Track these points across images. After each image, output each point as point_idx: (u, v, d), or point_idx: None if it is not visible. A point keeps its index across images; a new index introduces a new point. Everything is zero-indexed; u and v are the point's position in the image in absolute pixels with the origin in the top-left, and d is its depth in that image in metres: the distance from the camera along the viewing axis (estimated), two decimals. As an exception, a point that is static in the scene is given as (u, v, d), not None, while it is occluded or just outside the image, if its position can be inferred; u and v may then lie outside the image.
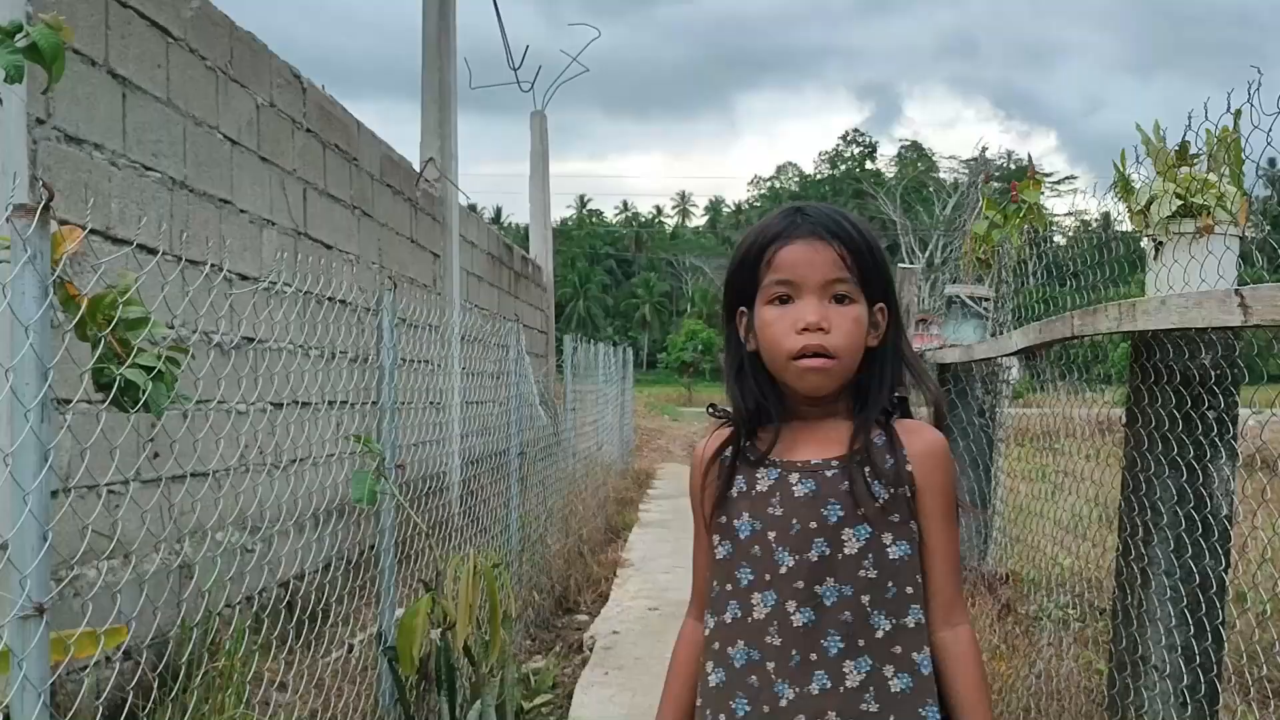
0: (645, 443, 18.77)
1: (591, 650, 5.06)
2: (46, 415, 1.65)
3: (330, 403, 5.30)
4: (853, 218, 1.48)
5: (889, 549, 1.42)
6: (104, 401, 1.89)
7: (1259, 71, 2.12)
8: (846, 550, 1.41)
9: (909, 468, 1.44)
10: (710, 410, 1.59)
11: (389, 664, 3.22)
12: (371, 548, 3.57)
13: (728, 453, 1.50)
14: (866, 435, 1.44)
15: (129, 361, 1.86)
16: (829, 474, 1.43)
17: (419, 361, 5.89)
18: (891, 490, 1.42)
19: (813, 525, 1.41)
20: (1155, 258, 2.63)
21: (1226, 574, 2.55)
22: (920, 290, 5.36)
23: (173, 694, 2.78)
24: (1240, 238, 2.55)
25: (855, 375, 1.47)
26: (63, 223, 1.83)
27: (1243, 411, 2.57)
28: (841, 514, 1.41)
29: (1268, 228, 3.62)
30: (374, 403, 3.44)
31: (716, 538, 1.50)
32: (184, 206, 4.19)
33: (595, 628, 5.48)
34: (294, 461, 4.63)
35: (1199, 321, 2.13)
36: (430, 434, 6.61)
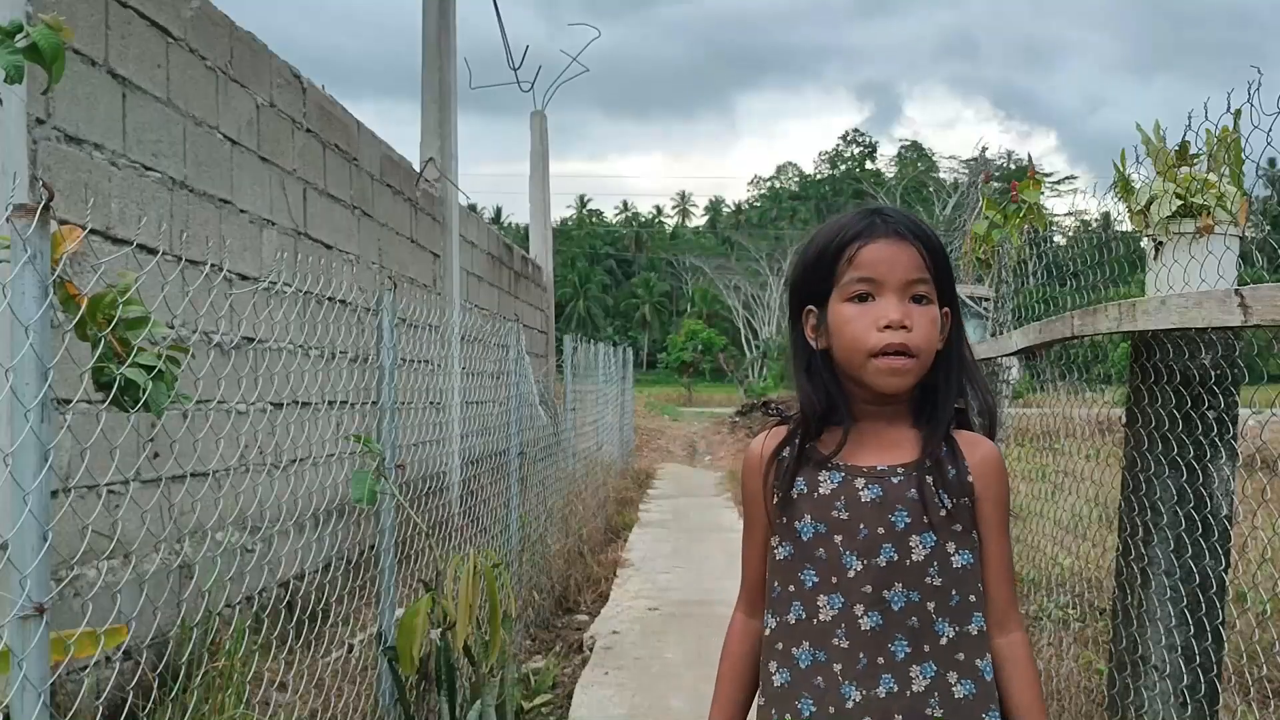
0: (645, 443, 18.77)
1: (591, 650, 5.06)
2: (46, 415, 1.65)
3: (330, 403, 5.31)
4: (926, 222, 1.51)
5: (953, 557, 1.44)
6: (104, 401, 1.89)
7: (1259, 71, 2.12)
8: (914, 557, 1.42)
9: (970, 478, 1.46)
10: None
11: (389, 664, 3.22)
12: (371, 548, 3.57)
13: (787, 453, 1.50)
14: (937, 445, 1.45)
15: (129, 361, 1.86)
16: (895, 480, 1.44)
17: (419, 361, 5.89)
18: (955, 500, 1.44)
19: (880, 531, 1.42)
20: (1155, 258, 2.63)
21: (1226, 574, 2.55)
22: (920, 290, 5.36)
23: (173, 694, 2.78)
24: (1240, 238, 2.55)
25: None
26: (63, 223, 1.83)
27: (1243, 411, 2.57)
28: (909, 520, 1.43)
29: (1268, 228, 3.62)
30: (374, 403, 3.44)
31: (776, 538, 1.50)
32: (184, 206, 4.19)
33: (595, 628, 5.49)
34: (294, 461, 4.63)
35: (1199, 321, 2.13)
36: (430, 434, 6.61)
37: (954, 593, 1.43)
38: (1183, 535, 2.55)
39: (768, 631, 1.50)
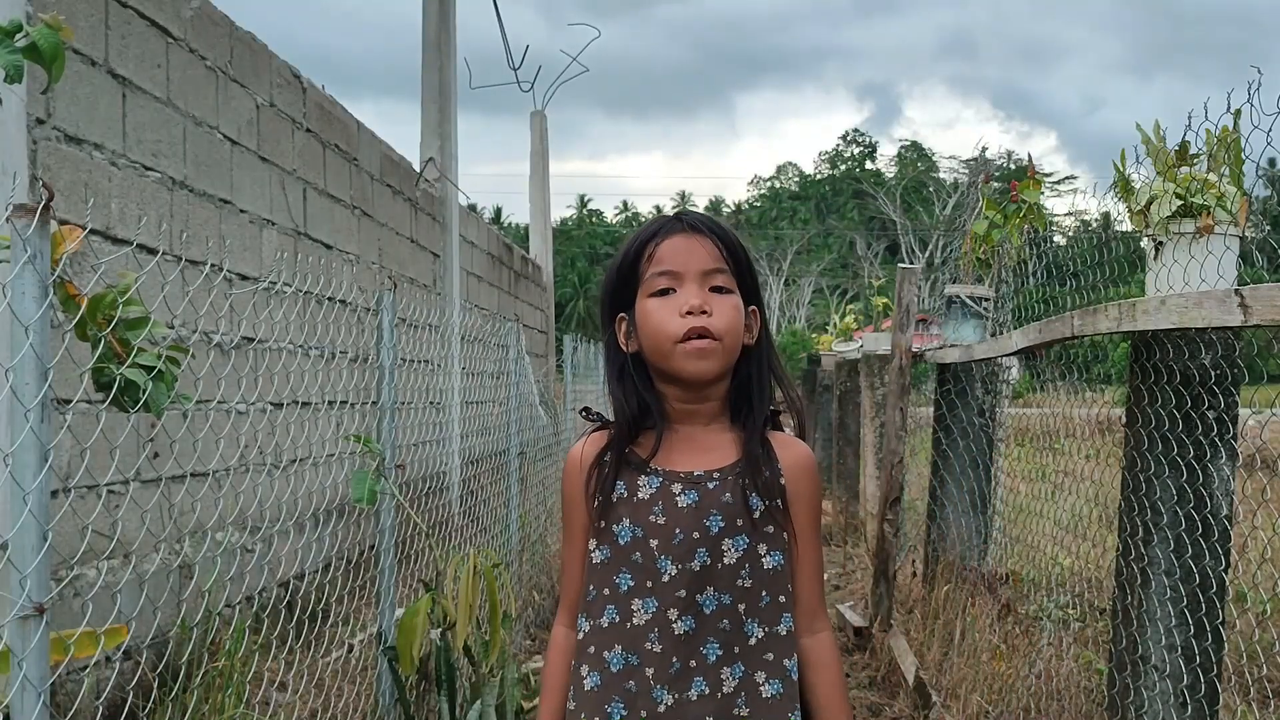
0: (645, 443, 18.73)
1: (591, 650, 5.06)
2: (46, 415, 1.65)
3: (330, 403, 5.31)
4: (725, 222, 1.56)
5: (764, 559, 1.47)
6: (104, 401, 1.89)
7: (1259, 71, 2.12)
8: (726, 560, 1.45)
9: (782, 480, 1.49)
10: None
11: (389, 664, 3.22)
12: (371, 548, 3.57)
13: (608, 457, 1.51)
14: (755, 447, 1.48)
15: (129, 361, 1.86)
16: (711, 485, 1.46)
17: (419, 361, 5.89)
18: (767, 502, 1.47)
19: (695, 535, 1.44)
20: (1155, 258, 2.62)
21: (1226, 574, 2.55)
22: (920, 290, 5.36)
23: (173, 694, 2.78)
24: (1240, 238, 2.55)
25: (731, 380, 1.50)
26: (63, 223, 1.83)
27: (1243, 411, 2.57)
28: (722, 524, 1.45)
29: (1268, 228, 3.62)
30: (374, 403, 3.44)
31: (594, 542, 1.51)
32: (184, 206, 4.19)
33: (595, 628, 5.48)
34: (294, 461, 4.64)
35: (1199, 321, 2.13)
36: (430, 434, 6.61)
37: (764, 594, 1.46)
38: (1183, 535, 2.55)
39: (580, 635, 1.51)
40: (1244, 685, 3.00)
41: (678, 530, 1.45)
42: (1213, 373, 2.49)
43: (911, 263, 24.20)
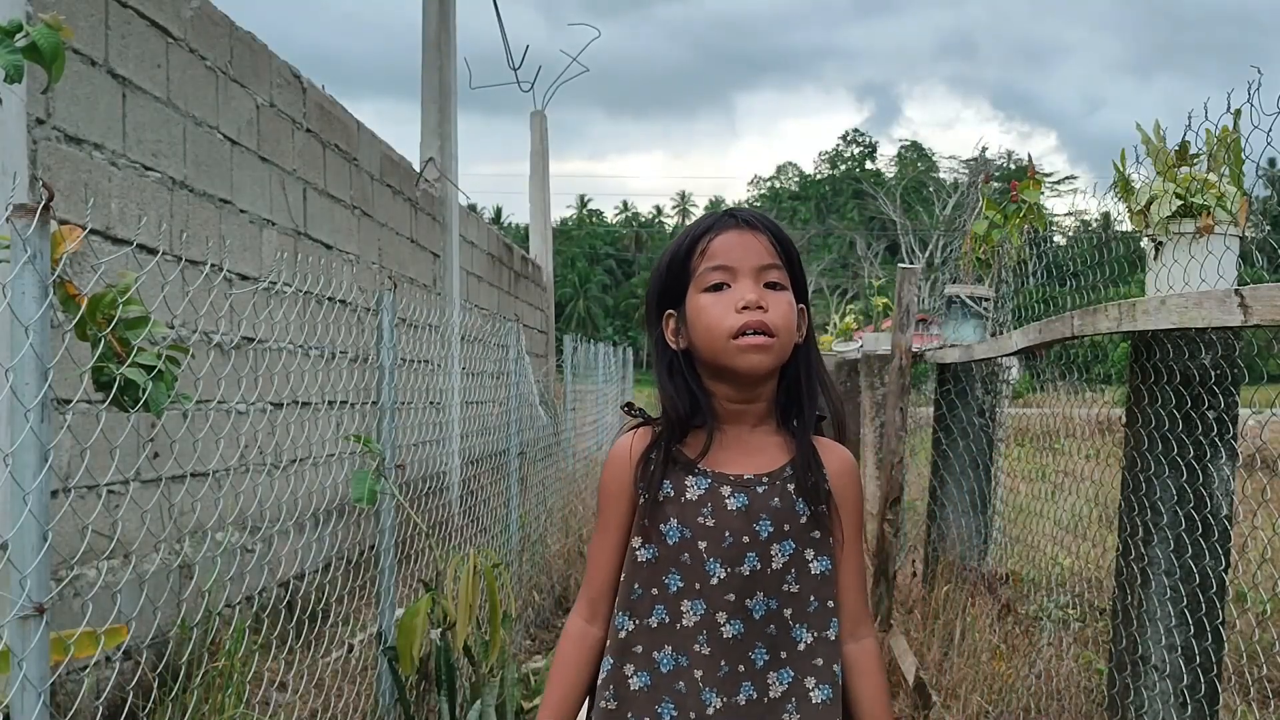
0: (645, 443, 18.73)
1: (591, 650, 5.06)
2: (46, 415, 1.65)
3: (330, 403, 5.31)
4: (776, 221, 1.55)
5: (811, 564, 1.46)
6: (104, 401, 1.89)
7: (1259, 71, 2.12)
8: (774, 565, 1.44)
9: (827, 486, 1.48)
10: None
11: (389, 664, 3.22)
12: (371, 548, 3.57)
13: (654, 455, 1.49)
14: (806, 451, 1.47)
15: (129, 361, 1.86)
16: (760, 489, 1.45)
17: (419, 361, 5.89)
18: (814, 507, 1.46)
19: (745, 540, 1.43)
20: (1155, 258, 2.63)
21: (1226, 574, 2.55)
22: (920, 290, 5.36)
23: (173, 694, 2.78)
24: (1240, 238, 2.55)
25: (779, 380, 1.49)
26: (63, 223, 1.83)
27: (1243, 411, 2.57)
28: (771, 529, 1.44)
29: (1268, 228, 3.62)
30: (374, 403, 3.44)
31: (639, 540, 1.48)
32: (184, 206, 4.19)
33: (595, 628, 5.48)
34: (294, 461, 4.64)
35: (1199, 321, 2.13)
36: (430, 434, 6.61)
37: (812, 599, 1.46)
38: (1183, 535, 2.55)
39: (623, 634, 1.48)
40: (1244, 685, 3.00)
41: (727, 533, 1.43)
42: (1213, 373, 2.49)
43: (911, 263, 24.21)
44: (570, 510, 7.56)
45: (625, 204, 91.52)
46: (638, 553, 1.48)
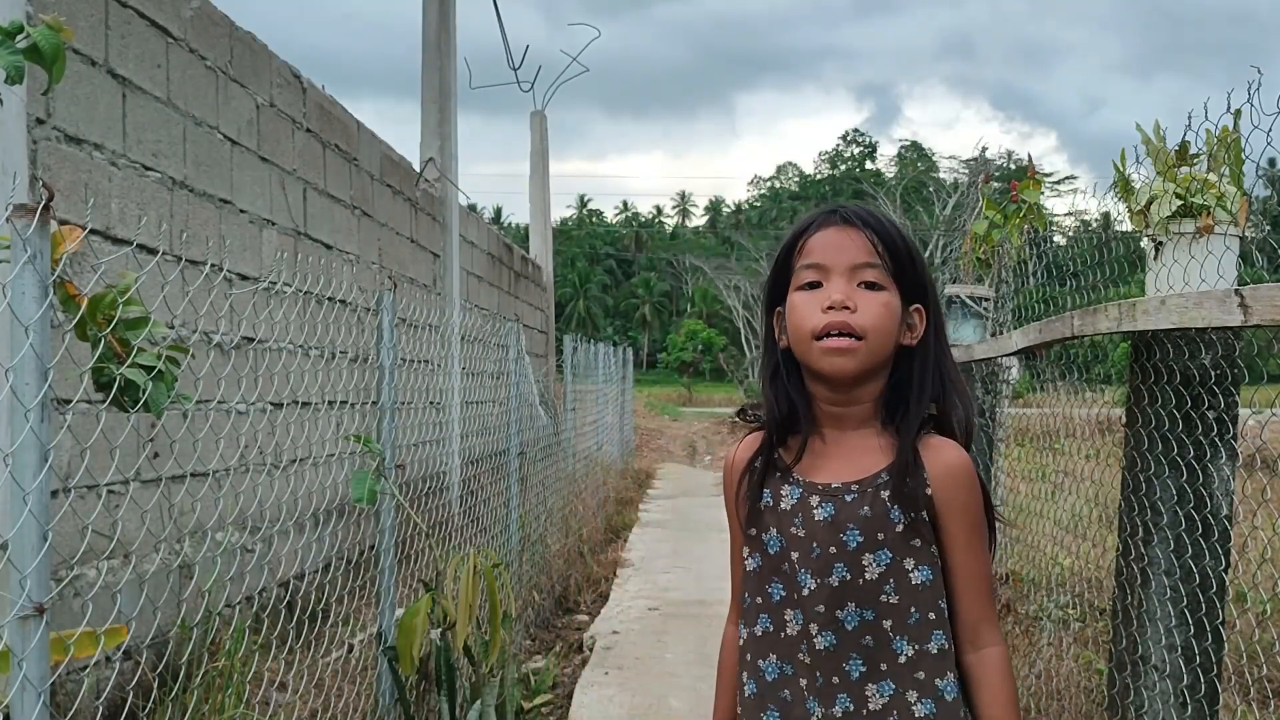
0: (645, 443, 18.77)
1: (591, 650, 5.06)
2: (46, 415, 1.65)
3: (330, 403, 5.31)
4: (891, 218, 1.50)
5: (910, 574, 1.40)
6: (104, 401, 1.89)
7: (1259, 71, 2.12)
8: (867, 575, 1.40)
9: (928, 490, 1.41)
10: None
11: (389, 664, 3.22)
12: (371, 548, 3.57)
13: (758, 462, 1.47)
14: (904, 456, 1.41)
15: (129, 361, 1.86)
16: (848, 499, 1.41)
17: (419, 361, 5.89)
18: (911, 515, 1.40)
19: (833, 550, 1.40)
20: (1155, 258, 2.62)
21: (1226, 574, 2.55)
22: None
23: (173, 694, 2.78)
24: (1240, 238, 2.55)
25: (888, 379, 1.44)
26: (63, 223, 1.83)
27: (1243, 411, 2.57)
28: (861, 539, 1.40)
29: (1268, 228, 3.62)
30: (374, 403, 3.44)
31: (746, 549, 1.49)
32: (184, 206, 4.19)
33: (595, 628, 5.48)
34: (294, 461, 4.64)
35: (1199, 321, 2.13)
36: (430, 434, 6.62)
37: (913, 610, 1.40)
38: (1183, 535, 2.55)
39: (740, 642, 1.50)
40: (1244, 685, 3.00)
41: (814, 544, 1.41)
42: (1213, 373, 2.49)
43: (911, 263, 24.11)
44: (570, 510, 7.56)
45: (625, 204, 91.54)
46: (746, 562, 1.50)
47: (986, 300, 4.68)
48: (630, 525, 9.16)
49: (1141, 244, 2.74)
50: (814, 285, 1.42)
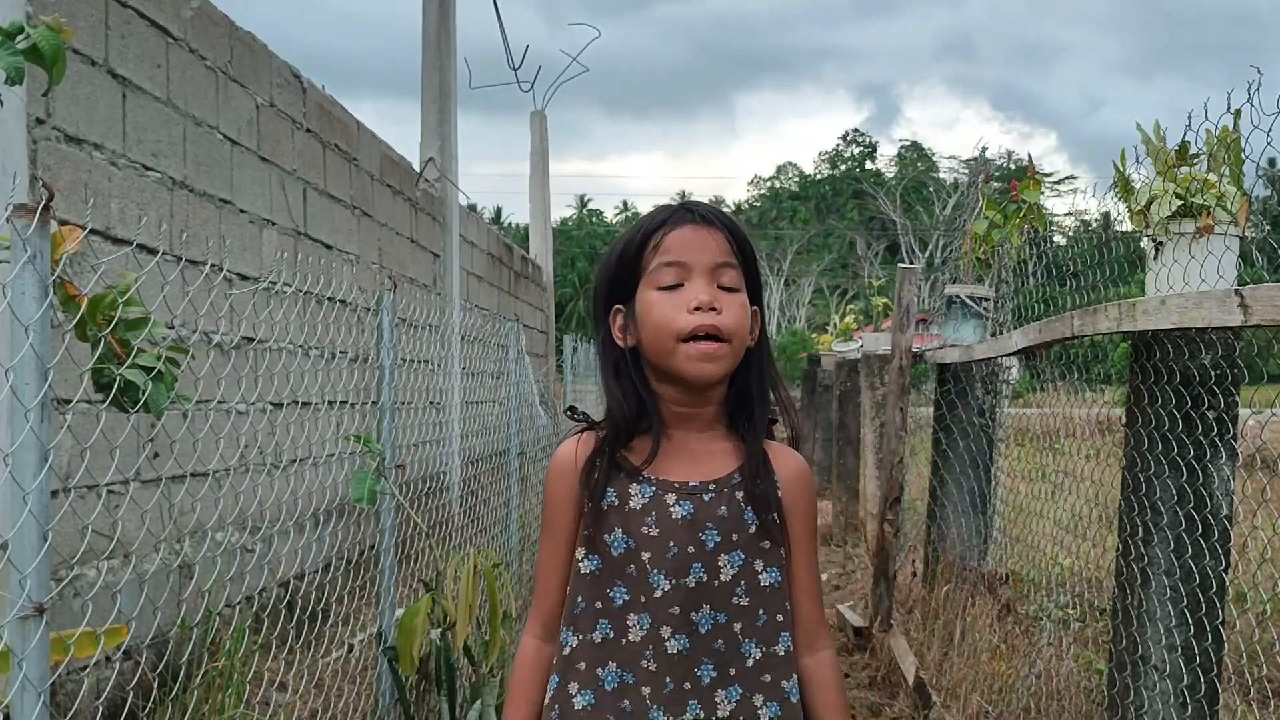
0: (645, 443, 18.75)
1: (591, 650, 5.06)
2: (46, 415, 1.65)
3: (330, 403, 5.31)
4: (733, 216, 1.48)
5: (760, 575, 1.40)
6: (104, 401, 1.89)
7: (1259, 71, 2.12)
8: (722, 577, 1.38)
9: (779, 493, 1.42)
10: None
11: (389, 664, 3.22)
12: (371, 548, 3.57)
13: (599, 461, 1.42)
14: (755, 458, 1.41)
15: (129, 361, 1.86)
16: (706, 498, 1.39)
17: (419, 361, 5.89)
18: (764, 516, 1.40)
19: (691, 550, 1.37)
20: (1155, 258, 2.63)
21: (1226, 574, 2.55)
22: (920, 290, 5.36)
23: (173, 694, 2.78)
24: (1240, 238, 2.55)
25: (729, 385, 1.43)
26: (63, 223, 1.83)
27: (1243, 411, 2.57)
28: (718, 539, 1.38)
29: (1268, 228, 3.62)
30: (374, 403, 3.44)
31: (582, 551, 1.43)
32: (184, 206, 4.20)
33: (595, 628, 5.48)
34: (294, 461, 4.64)
35: (1199, 321, 2.13)
36: (430, 434, 6.62)
37: (761, 612, 1.40)
38: (1183, 535, 2.55)
39: (567, 650, 1.42)
40: (1244, 685, 3.00)
41: (671, 544, 1.37)
42: (1213, 373, 2.49)
43: (911, 263, 24.20)
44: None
45: (625, 204, 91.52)
46: (581, 564, 1.42)
47: (986, 300, 4.68)
48: (630, 525, 9.15)
49: (1141, 244, 2.74)
50: (674, 286, 1.37)
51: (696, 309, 1.35)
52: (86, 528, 2.97)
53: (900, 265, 5.08)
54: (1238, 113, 2.36)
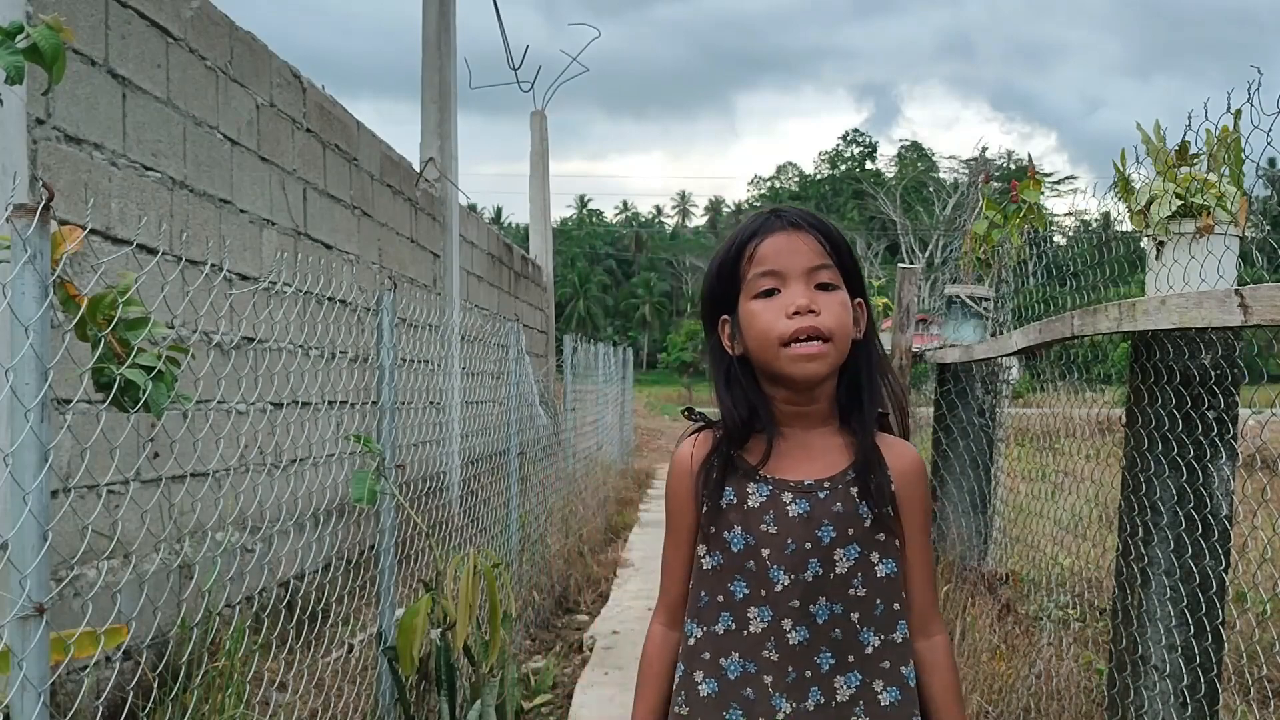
0: (645, 443, 18.77)
1: (591, 650, 5.06)
2: (46, 415, 1.65)
3: (330, 403, 5.31)
4: (825, 216, 1.52)
5: (877, 567, 1.45)
6: (104, 401, 1.89)
7: (1259, 71, 2.12)
8: (838, 570, 1.43)
9: (892, 486, 1.46)
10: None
11: (389, 664, 3.22)
12: (371, 548, 3.57)
13: (715, 461, 1.48)
14: (868, 453, 1.45)
15: (129, 361, 1.86)
16: (821, 495, 1.44)
17: (419, 361, 5.89)
18: (878, 510, 1.44)
19: (808, 546, 1.42)
20: (1155, 258, 2.63)
21: (1226, 574, 2.55)
22: (920, 290, 5.36)
23: (173, 694, 2.78)
24: (1240, 238, 2.55)
25: (839, 378, 1.47)
26: (63, 223, 1.83)
27: (1243, 411, 2.57)
28: (834, 534, 1.43)
29: (1268, 228, 3.62)
30: (374, 403, 3.44)
31: (704, 547, 1.49)
32: (184, 206, 4.20)
33: (595, 628, 5.48)
34: (294, 461, 4.64)
35: (1199, 321, 2.13)
36: (430, 434, 6.62)
37: (878, 602, 1.45)
38: (1183, 535, 2.55)
39: (692, 640, 1.49)
40: (1244, 685, 3.01)
41: (789, 540, 1.42)
42: (1213, 373, 2.49)
43: (911, 263, 24.21)
44: (570, 510, 7.55)
45: (625, 204, 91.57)
46: (703, 560, 1.48)
47: (986, 300, 4.68)
48: (630, 525, 9.16)
49: (1141, 244, 2.74)
50: (771, 292, 1.42)
51: (795, 313, 1.40)
52: (86, 528, 2.97)
53: (900, 265, 5.08)
54: (1238, 113, 2.36)
